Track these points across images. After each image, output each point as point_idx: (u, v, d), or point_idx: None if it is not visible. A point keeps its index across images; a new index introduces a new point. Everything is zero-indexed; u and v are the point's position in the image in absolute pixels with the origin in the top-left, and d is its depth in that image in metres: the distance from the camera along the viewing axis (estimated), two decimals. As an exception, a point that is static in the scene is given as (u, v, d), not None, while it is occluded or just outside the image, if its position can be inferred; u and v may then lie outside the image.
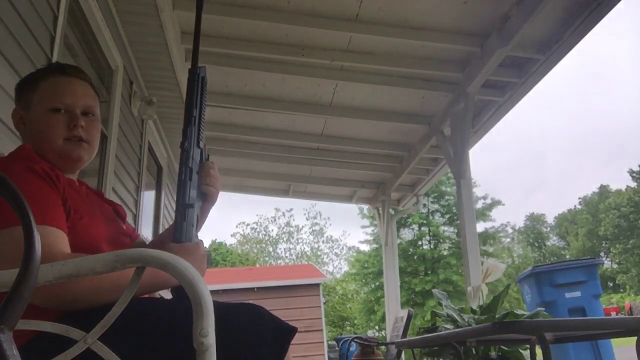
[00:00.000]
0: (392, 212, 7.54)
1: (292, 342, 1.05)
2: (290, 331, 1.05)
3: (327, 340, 14.05)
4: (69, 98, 1.25)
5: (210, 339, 0.68)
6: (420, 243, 25.50)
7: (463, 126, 4.46)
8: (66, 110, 1.24)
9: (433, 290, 3.54)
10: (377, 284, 24.12)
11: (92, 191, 1.36)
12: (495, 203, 27.52)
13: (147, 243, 1.41)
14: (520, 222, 55.19)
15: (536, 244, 51.25)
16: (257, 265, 32.42)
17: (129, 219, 4.04)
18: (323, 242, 36.40)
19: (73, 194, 1.16)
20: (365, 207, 18.92)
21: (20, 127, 1.27)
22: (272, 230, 36.41)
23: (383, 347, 5.33)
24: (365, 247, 27.85)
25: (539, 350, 2.10)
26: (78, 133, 1.23)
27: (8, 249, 0.95)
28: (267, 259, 35.97)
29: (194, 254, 1.16)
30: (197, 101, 1.26)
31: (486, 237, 26.59)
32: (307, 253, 35.91)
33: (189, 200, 1.20)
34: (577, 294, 4.32)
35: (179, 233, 1.18)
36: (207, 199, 1.29)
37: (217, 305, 1.00)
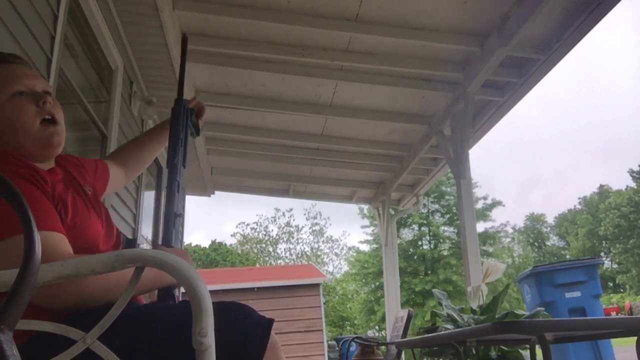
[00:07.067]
0: (392, 212, 7.53)
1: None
2: (270, 322, 1.07)
3: (327, 340, 14.03)
4: (25, 80, 1.21)
5: (210, 339, 0.68)
6: (420, 243, 25.52)
7: (463, 126, 4.46)
8: (28, 91, 1.20)
9: (433, 290, 3.53)
10: (377, 284, 24.14)
11: (69, 165, 1.32)
12: (496, 203, 27.55)
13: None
14: (520, 222, 55.15)
15: (536, 244, 51.24)
16: (257, 265, 32.42)
17: (129, 219, 4.04)
18: (323, 242, 36.44)
19: (61, 192, 1.14)
20: (365, 207, 18.93)
21: None
22: (272, 230, 36.46)
23: (383, 347, 5.33)
24: (365, 247, 27.89)
25: (539, 350, 2.10)
26: (49, 109, 1.21)
27: (12, 257, 0.93)
28: (267, 259, 35.97)
29: (185, 257, 1.18)
30: (183, 126, 1.43)
31: (486, 237, 26.60)
32: (307, 253, 35.92)
33: (177, 210, 1.30)
34: (577, 294, 4.33)
35: (169, 238, 1.26)
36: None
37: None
